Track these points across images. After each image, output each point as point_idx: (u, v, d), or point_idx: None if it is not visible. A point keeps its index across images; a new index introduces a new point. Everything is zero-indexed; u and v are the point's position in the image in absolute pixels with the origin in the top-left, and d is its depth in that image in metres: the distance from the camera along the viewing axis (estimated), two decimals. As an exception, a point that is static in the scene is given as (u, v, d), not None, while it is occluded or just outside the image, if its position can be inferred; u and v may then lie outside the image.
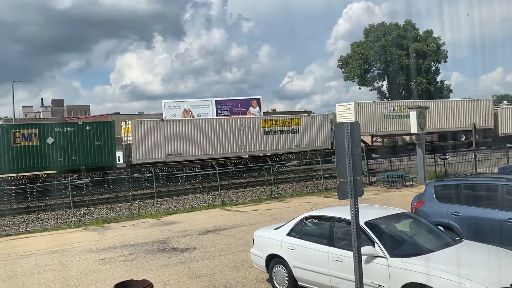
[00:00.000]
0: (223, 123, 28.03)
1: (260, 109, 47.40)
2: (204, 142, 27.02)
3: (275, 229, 8.29)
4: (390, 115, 34.48)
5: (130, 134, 25.11)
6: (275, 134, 29.21)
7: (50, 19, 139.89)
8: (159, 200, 19.58)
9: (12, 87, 75.58)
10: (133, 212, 18.21)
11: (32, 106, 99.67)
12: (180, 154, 26.15)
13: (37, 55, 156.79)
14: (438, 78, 61.74)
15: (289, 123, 29.86)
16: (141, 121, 26.04)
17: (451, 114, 37.13)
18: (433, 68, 60.19)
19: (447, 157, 23.47)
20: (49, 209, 18.55)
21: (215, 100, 46.92)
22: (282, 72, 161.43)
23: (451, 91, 63.81)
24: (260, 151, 28.81)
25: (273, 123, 29.35)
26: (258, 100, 48.19)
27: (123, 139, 26.27)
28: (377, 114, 34.10)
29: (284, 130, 29.51)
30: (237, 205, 18.99)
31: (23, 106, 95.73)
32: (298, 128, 30.07)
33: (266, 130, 28.98)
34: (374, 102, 34.78)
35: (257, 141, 28.63)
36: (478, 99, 38.42)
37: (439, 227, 7.56)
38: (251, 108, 46.95)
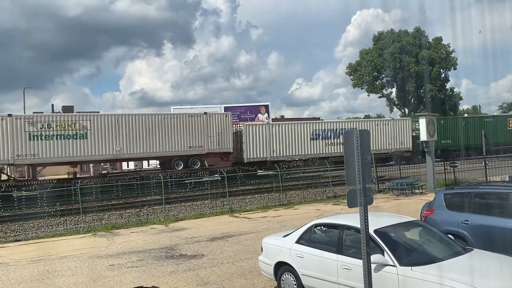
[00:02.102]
0: None
1: (268, 115, 47.55)
2: None
3: (283, 236, 8.27)
4: (41, 135, 22.26)
5: None
6: None
7: (61, 26, 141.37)
8: (168, 206, 19.62)
9: (23, 93, 76.40)
10: (142, 218, 18.27)
11: (42, 112, 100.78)
12: None
13: (48, 61, 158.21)
14: (448, 86, 61.56)
15: None
16: None
17: (168, 134, 25.33)
18: (443, 75, 59.99)
19: (457, 165, 23.32)
20: (59, 215, 18.66)
21: (224, 107, 47.15)
22: (290, 79, 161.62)
23: (461, 98, 63.63)
24: None
25: None
26: (266, 106, 48.34)
27: None
28: (15, 133, 21.79)
29: None
30: (245, 211, 18.98)
31: (34, 112, 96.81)
32: None
33: None
34: (9, 115, 21.94)
35: None
36: (205, 113, 26.74)
37: (449, 235, 7.50)
38: (259, 115, 47.12)
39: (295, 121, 33.81)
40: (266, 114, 47.34)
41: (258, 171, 26.37)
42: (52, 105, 53.04)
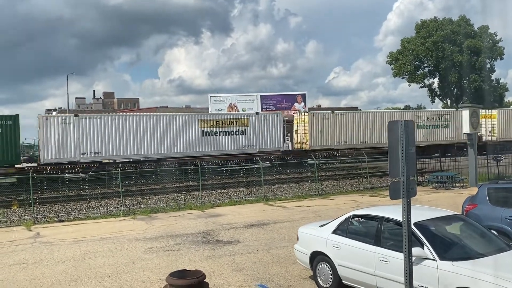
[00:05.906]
0: None
1: (305, 104, 47.18)
2: None
3: (320, 226, 8.24)
4: None
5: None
6: None
7: (103, 15, 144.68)
8: (204, 192, 19.89)
9: (67, 80, 78.96)
10: (179, 203, 18.59)
11: (84, 98, 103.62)
12: None
13: (90, 49, 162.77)
14: (493, 76, 59.25)
15: None
16: None
17: None
18: (488, 65, 57.73)
19: (501, 158, 22.53)
20: (100, 198, 19.24)
21: (260, 95, 47.09)
22: (328, 67, 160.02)
23: (507, 89, 61.07)
24: None
25: None
26: (303, 95, 47.99)
27: None
28: None
29: None
30: (280, 200, 19.00)
31: (76, 98, 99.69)
32: None
33: None
34: None
35: None
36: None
37: (492, 231, 7.27)
38: (296, 104, 46.84)
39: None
40: (302, 103, 47.02)
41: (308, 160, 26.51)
42: (94, 91, 54.63)
